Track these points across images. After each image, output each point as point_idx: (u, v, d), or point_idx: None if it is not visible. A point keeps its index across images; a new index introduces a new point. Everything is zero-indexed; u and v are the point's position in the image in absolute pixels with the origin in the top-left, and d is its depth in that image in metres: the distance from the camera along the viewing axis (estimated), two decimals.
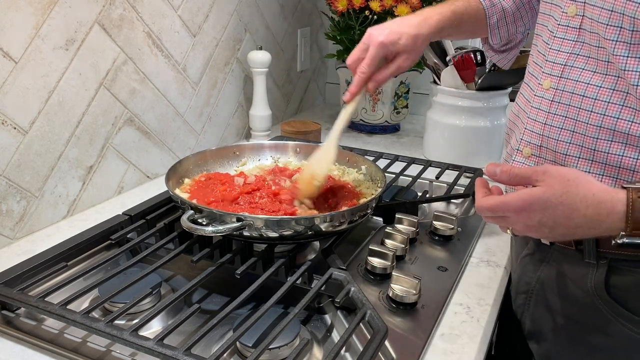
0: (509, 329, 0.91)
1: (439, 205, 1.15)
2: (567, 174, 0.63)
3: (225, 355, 0.64)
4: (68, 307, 0.69)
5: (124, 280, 0.75)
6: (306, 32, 1.79)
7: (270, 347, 0.65)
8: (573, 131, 0.70)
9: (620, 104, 0.66)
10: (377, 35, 0.86)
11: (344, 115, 0.92)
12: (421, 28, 0.88)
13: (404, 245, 0.90)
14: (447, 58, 1.32)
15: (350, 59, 0.89)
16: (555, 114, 0.72)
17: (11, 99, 0.88)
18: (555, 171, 0.63)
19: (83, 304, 0.76)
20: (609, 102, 0.67)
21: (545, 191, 0.62)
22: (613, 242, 0.61)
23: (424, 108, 1.49)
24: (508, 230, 0.71)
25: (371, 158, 1.17)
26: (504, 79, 1.30)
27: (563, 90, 0.71)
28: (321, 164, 0.92)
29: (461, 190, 1.13)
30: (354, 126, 1.69)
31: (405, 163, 1.23)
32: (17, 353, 0.68)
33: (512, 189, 0.77)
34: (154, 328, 0.73)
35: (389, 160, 1.24)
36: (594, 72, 0.68)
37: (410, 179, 1.15)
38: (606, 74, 0.67)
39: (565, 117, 0.71)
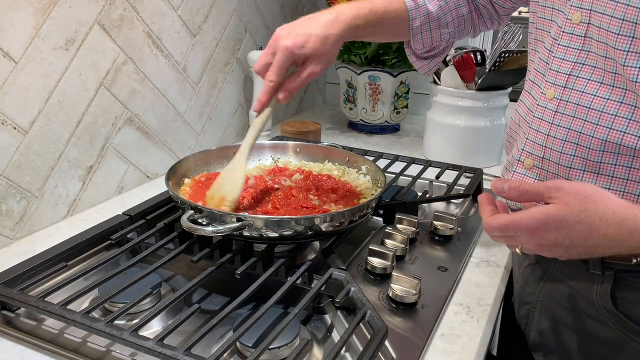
0: (508, 335, 0.90)
1: (439, 205, 1.15)
2: (583, 190, 0.59)
3: (225, 355, 0.64)
4: (68, 307, 0.69)
5: (124, 280, 0.75)
6: None
7: (270, 347, 0.65)
8: (577, 144, 0.67)
9: (628, 118, 0.63)
10: (283, 38, 0.80)
11: (253, 129, 0.86)
12: (330, 28, 0.81)
13: (404, 245, 0.90)
14: (447, 58, 1.32)
15: (258, 64, 0.83)
16: (558, 126, 0.69)
17: (11, 99, 0.88)
18: (570, 187, 0.59)
19: (83, 304, 0.76)
20: (616, 116, 0.64)
21: (561, 209, 0.58)
22: (634, 260, 0.59)
23: (424, 108, 1.49)
24: (517, 249, 0.67)
25: (371, 158, 1.17)
26: (504, 79, 1.30)
27: (567, 101, 0.68)
28: (233, 187, 0.86)
29: (461, 190, 1.13)
30: (354, 126, 1.69)
31: (405, 163, 1.23)
32: (17, 353, 0.68)
33: (517, 205, 0.74)
34: (154, 328, 0.73)
35: (389, 160, 1.24)
36: (601, 83, 0.65)
37: (410, 179, 1.15)
38: (614, 86, 0.64)
39: (569, 129, 0.68)
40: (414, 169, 1.19)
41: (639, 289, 0.68)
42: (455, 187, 1.13)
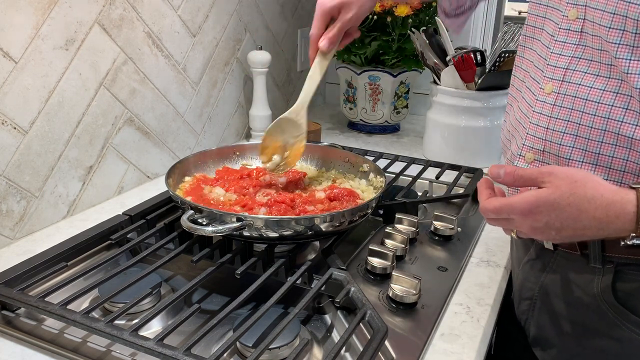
0: (509, 333, 0.90)
1: (439, 205, 1.15)
2: (574, 174, 0.62)
3: (225, 355, 0.64)
4: (68, 307, 0.69)
5: (124, 280, 0.75)
6: (306, 32, 1.78)
7: (270, 347, 0.65)
8: (576, 135, 0.69)
9: (624, 107, 0.65)
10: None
11: (308, 80, 1.00)
12: None
13: (404, 245, 0.90)
14: (447, 58, 1.32)
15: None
16: (557, 118, 0.71)
17: (11, 99, 0.88)
18: (562, 172, 0.62)
19: (83, 304, 0.76)
20: (612, 106, 0.65)
21: (552, 192, 0.61)
22: (622, 243, 0.60)
23: (424, 108, 1.49)
24: (512, 233, 0.69)
25: (371, 158, 1.17)
26: (504, 79, 1.29)
27: (565, 94, 0.70)
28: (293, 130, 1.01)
29: (461, 190, 1.13)
30: (354, 126, 1.69)
31: (405, 163, 1.23)
32: (17, 353, 0.68)
33: (515, 190, 0.76)
34: (154, 328, 0.73)
35: (389, 160, 1.24)
36: (597, 75, 0.67)
37: (410, 179, 1.15)
38: (609, 77, 0.66)
39: (568, 121, 0.70)
40: (414, 169, 1.20)
41: (639, 279, 0.69)
42: (455, 187, 1.13)
